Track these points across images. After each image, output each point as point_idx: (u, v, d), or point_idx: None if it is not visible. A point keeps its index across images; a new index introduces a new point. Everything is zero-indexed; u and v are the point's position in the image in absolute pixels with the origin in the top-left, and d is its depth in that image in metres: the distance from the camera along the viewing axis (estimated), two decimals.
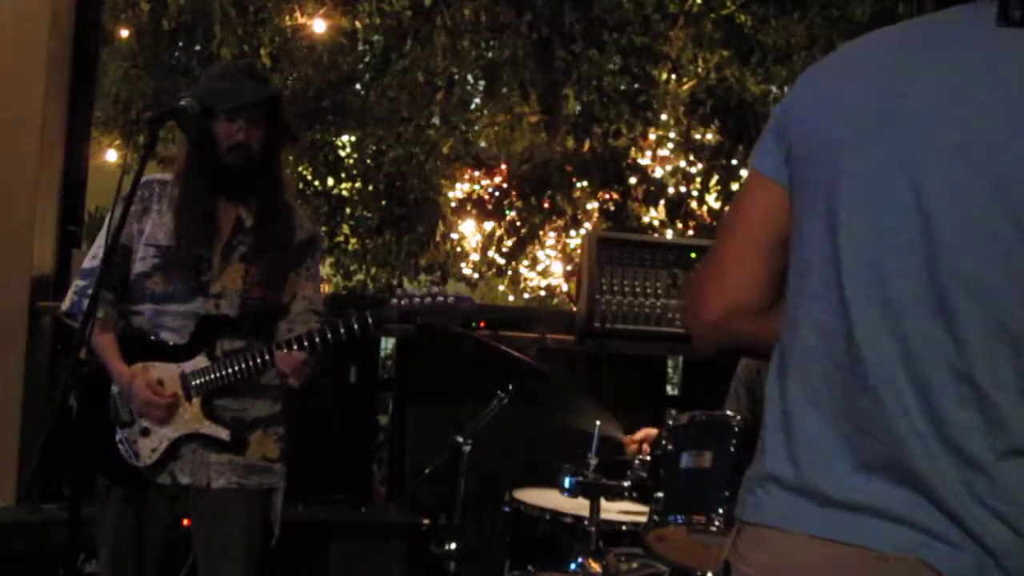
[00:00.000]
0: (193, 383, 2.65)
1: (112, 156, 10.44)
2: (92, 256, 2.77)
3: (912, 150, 1.17)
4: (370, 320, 2.57)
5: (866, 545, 1.13)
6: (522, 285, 11.64)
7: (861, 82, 1.25)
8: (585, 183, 9.99)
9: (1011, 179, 1.11)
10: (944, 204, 1.14)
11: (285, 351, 2.58)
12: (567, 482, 2.67)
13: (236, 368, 2.61)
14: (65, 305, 2.79)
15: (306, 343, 2.58)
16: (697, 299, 1.38)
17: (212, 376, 2.63)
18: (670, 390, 4.84)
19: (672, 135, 10.12)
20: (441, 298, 2.61)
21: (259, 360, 2.60)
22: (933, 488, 1.11)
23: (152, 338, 2.67)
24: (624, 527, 2.77)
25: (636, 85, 9.62)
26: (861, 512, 1.15)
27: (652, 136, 10.02)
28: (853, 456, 1.16)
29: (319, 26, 9.61)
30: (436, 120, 11.51)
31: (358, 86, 11.23)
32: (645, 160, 10.04)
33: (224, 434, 2.65)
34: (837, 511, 1.16)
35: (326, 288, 10.66)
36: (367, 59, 11.28)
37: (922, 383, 1.13)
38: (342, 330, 2.57)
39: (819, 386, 1.21)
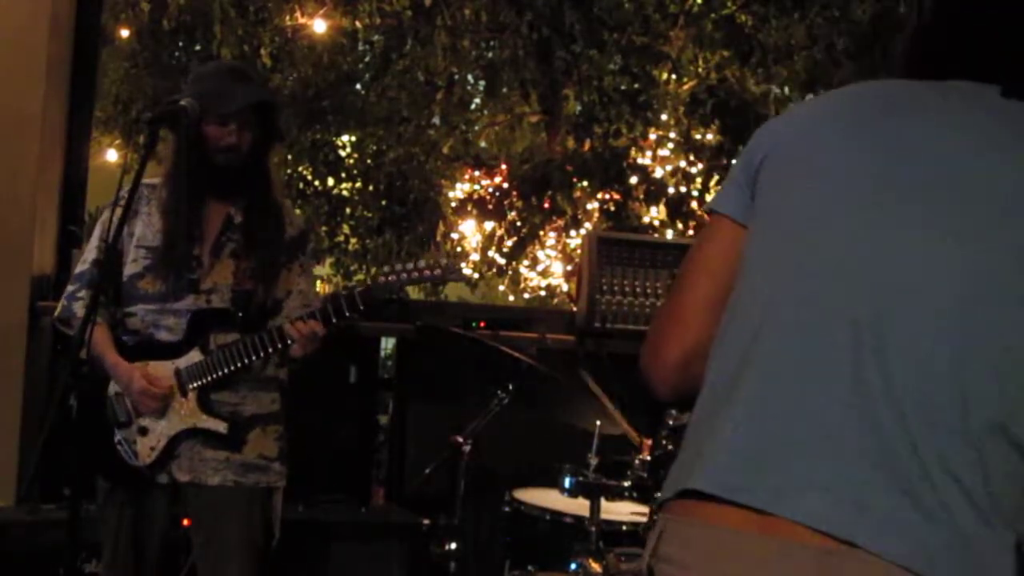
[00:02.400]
0: (188, 378, 2.65)
1: (112, 156, 10.45)
2: (83, 261, 2.79)
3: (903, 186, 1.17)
4: (357, 298, 2.57)
5: (809, 524, 1.09)
6: (522, 285, 11.64)
7: (847, 121, 1.25)
8: (585, 183, 9.99)
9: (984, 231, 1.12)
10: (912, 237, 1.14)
11: (299, 321, 2.57)
12: (567, 482, 2.67)
13: (232, 359, 2.60)
14: (57, 311, 2.79)
15: (319, 316, 2.57)
16: (657, 342, 1.36)
17: (206, 369, 2.63)
18: None
19: (672, 135, 10.12)
20: (428, 271, 2.59)
21: (265, 347, 2.58)
22: (897, 459, 1.08)
23: (148, 338, 2.67)
24: (624, 527, 2.77)
25: (636, 85, 9.62)
26: (808, 490, 1.10)
27: (652, 136, 10.02)
28: (816, 426, 1.12)
29: (319, 26, 9.62)
30: (436, 120, 11.52)
31: (358, 86, 11.24)
32: (645, 160, 10.04)
33: (221, 427, 2.65)
34: (783, 490, 1.11)
35: (326, 288, 10.67)
36: (367, 59, 11.29)
37: (908, 346, 1.11)
38: (332, 311, 2.57)
39: (783, 360, 1.17)
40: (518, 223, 10.60)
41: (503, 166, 11.20)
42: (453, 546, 2.94)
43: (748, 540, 1.12)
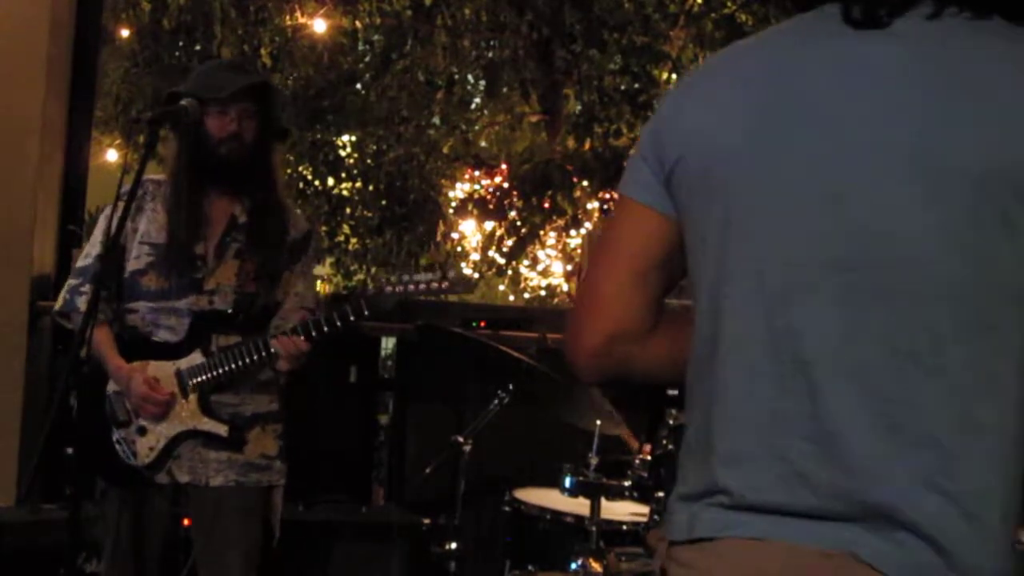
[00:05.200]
0: (189, 380, 2.64)
1: (112, 156, 10.46)
2: (85, 255, 2.77)
3: (822, 147, 1.14)
4: (364, 307, 2.57)
5: (804, 543, 1.11)
6: (522, 285, 11.66)
7: (746, 88, 1.21)
8: (585, 183, 10.00)
9: (927, 154, 1.08)
10: (862, 190, 1.11)
11: (284, 337, 2.58)
12: (567, 482, 2.67)
13: (232, 363, 2.61)
14: (58, 304, 2.78)
15: (303, 331, 2.58)
16: (576, 330, 1.35)
17: (207, 372, 2.63)
18: (670, 390, 4.84)
19: None
20: (436, 283, 2.59)
21: (255, 354, 2.59)
22: (869, 482, 1.09)
23: (148, 336, 2.67)
24: (625, 527, 2.77)
25: (637, 85, 9.62)
26: (792, 516, 1.12)
27: None
28: (781, 464, 1.13)
29: (319, 26, 9.62)
30: (436, 120, 11.53)
31: (358, 86, 11.25)
32: None
33: (222, 430, 2.65)
34: (767, 516, 1.13)
35: (326, 288, 10.67)
36: (367, 59, 11.30)
37: (858, 367, 1.10)
38: (337, 319, 2.57)
39: (742, 392, 1.17)
40: (518, 223, 10.61)
41: (503, 166, 11.20)
42: (453, 546, 2.94)
43: (764, 548, 1.14)
